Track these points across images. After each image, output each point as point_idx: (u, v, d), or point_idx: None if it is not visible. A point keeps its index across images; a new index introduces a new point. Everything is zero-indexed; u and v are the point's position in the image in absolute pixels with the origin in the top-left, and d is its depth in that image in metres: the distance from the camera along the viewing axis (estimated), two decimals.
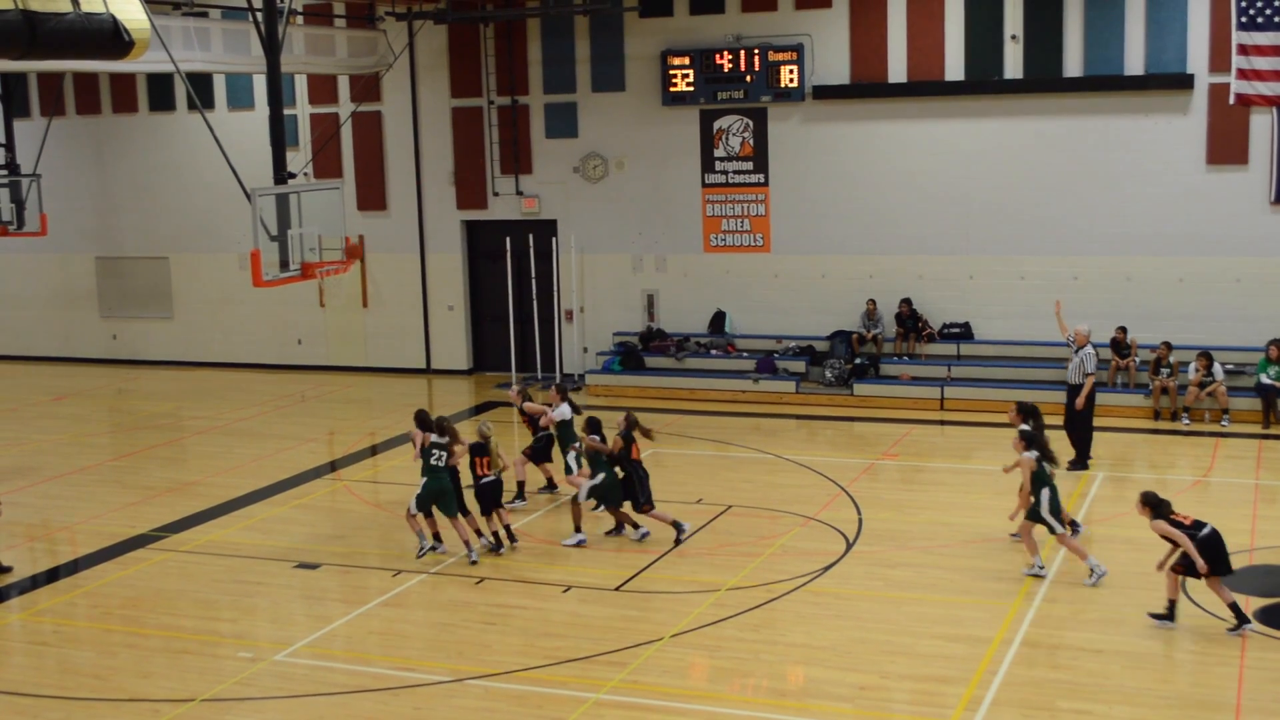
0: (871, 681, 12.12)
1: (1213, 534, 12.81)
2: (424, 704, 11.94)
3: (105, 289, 30.58)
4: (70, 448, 22.11)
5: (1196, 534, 12.75)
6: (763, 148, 25.06)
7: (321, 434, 23.21)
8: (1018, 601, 13.88)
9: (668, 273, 26.05)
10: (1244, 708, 11.40)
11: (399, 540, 16.59)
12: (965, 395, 23.13)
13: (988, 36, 23.36)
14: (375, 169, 27.78)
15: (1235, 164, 22.34)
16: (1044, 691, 11.77)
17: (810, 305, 25.10)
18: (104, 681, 12.68)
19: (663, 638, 13.19)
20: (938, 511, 17.18)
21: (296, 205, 16.47)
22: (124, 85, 29.19)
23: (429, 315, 27.91)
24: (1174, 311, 22.83)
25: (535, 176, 26.66)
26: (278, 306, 28.33)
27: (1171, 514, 13.01)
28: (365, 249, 27.63)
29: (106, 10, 13.63)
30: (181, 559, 16.27)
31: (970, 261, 24.11)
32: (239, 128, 26.34)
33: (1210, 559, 12.66)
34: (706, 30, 24.98)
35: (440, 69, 27.01)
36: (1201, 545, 12.68)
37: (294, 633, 13.77)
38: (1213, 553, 12.71)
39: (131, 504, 18.77)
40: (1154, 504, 13.10)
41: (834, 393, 23.90)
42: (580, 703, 11.81)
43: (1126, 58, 22.67)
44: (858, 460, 20.05)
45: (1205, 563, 12.62)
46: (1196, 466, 19.14)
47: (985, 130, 23.73)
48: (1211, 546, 12.72)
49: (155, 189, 29.52)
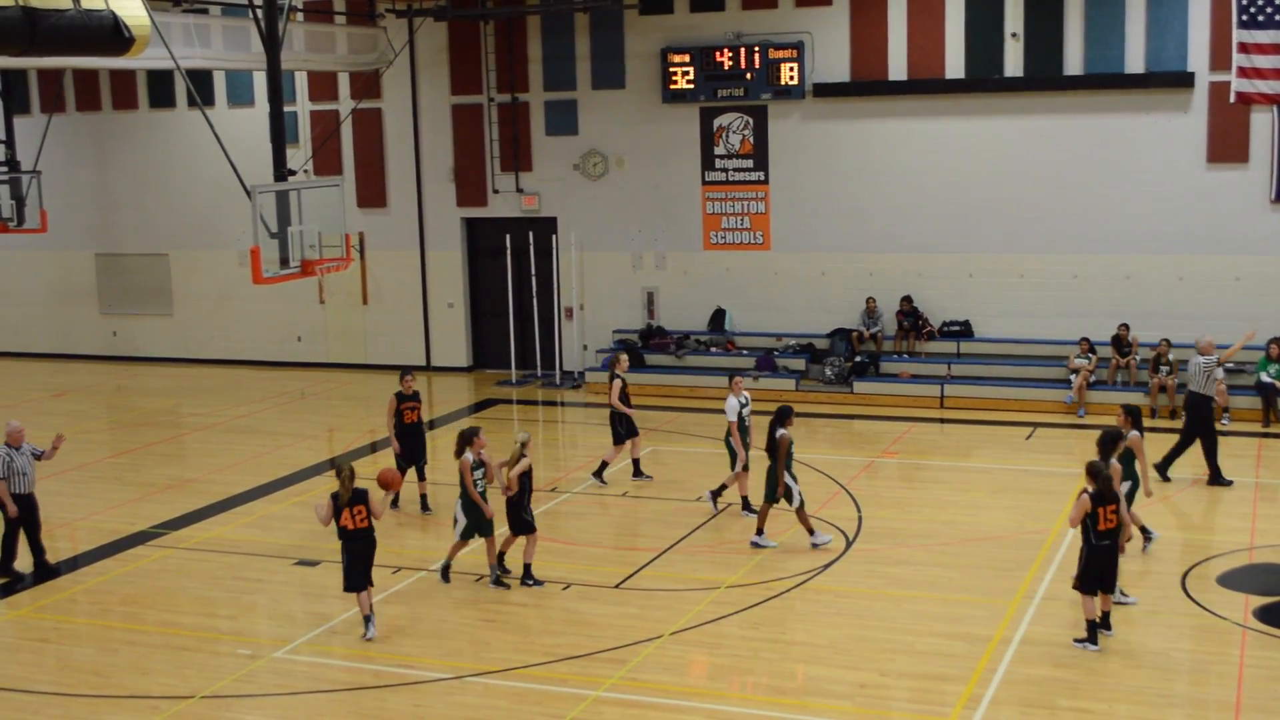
0: (871, 679, 12.13)
1: (1109, 549, 12.48)
2: (423, 701, 11.94)
3: (105, 286, 30.57)
4: (69, 444, 21.99)
5: (1096, 542, 12.42)
6: (763, 145, 25.05)
7: (321, 431, 23.21)
8: (1017, 599, 13.88)
9: (668, 270, 26.05)
10: (1243, 706, 11.40)
11: (398, 537, 16.61)
12: (965, 393, 23.13)
13: (988, 34, 23.35)
14: (375, 166, 27.77)
15: (1236, 162, 22.33)
16: (1044, 690, 11.77)
17: (810, 303, 25.09)
18: (104, 678, 12.68)
19: (662, 635, 13.19)
20: (937, 509, 17.19)
21: (296, 202, 16.50)
22: (124, 82, 29.17)
23: (429, 312, 27.91)
24: (1174, 310, 22.82)
25: (535, 174, 26.65)
26: (278, 303, 28.31)
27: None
28: (365, 246, 27.64)
29: (106, 7, 13.61)
30: (181, 556, 16.27)
31: (970, 259, 24.11)
32: (239, 125, 26.34)
33: (1091, 570, 12.48)
34: (707, 28, 24.96)
35: (440, 66, 27.00)
36: (1092, 552, 12.48)
37: (293, 630, 13.77)
38: (1098, 566, 12.49)
39: (131, 501, 18.77)
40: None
41: (834, 390, 23.90)
42: (580, 700, 11.81)
43: (1127, 56, 22.66)
44: (857, 458, 20.05)
45: (1083, 571, 12.45)
46: (1196, 465, 19.13)
47: (985, 128, 23.72)
48: (1100, 558, 12.47)
49: (155, 186, 29.51)
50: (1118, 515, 12.47)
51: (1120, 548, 12.72)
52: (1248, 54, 17.69)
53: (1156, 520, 15.81)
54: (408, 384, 17.54)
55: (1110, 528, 12.40)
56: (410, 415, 17.48)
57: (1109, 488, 12.42)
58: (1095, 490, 12.37)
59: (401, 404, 17.44)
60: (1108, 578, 12.56)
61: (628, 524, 17.29)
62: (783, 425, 15.37)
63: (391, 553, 16.02)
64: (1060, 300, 23.55)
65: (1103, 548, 12.42)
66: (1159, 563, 14.84)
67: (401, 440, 17.40)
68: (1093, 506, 12.32)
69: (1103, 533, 12.36)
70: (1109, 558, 12.48)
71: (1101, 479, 12.40)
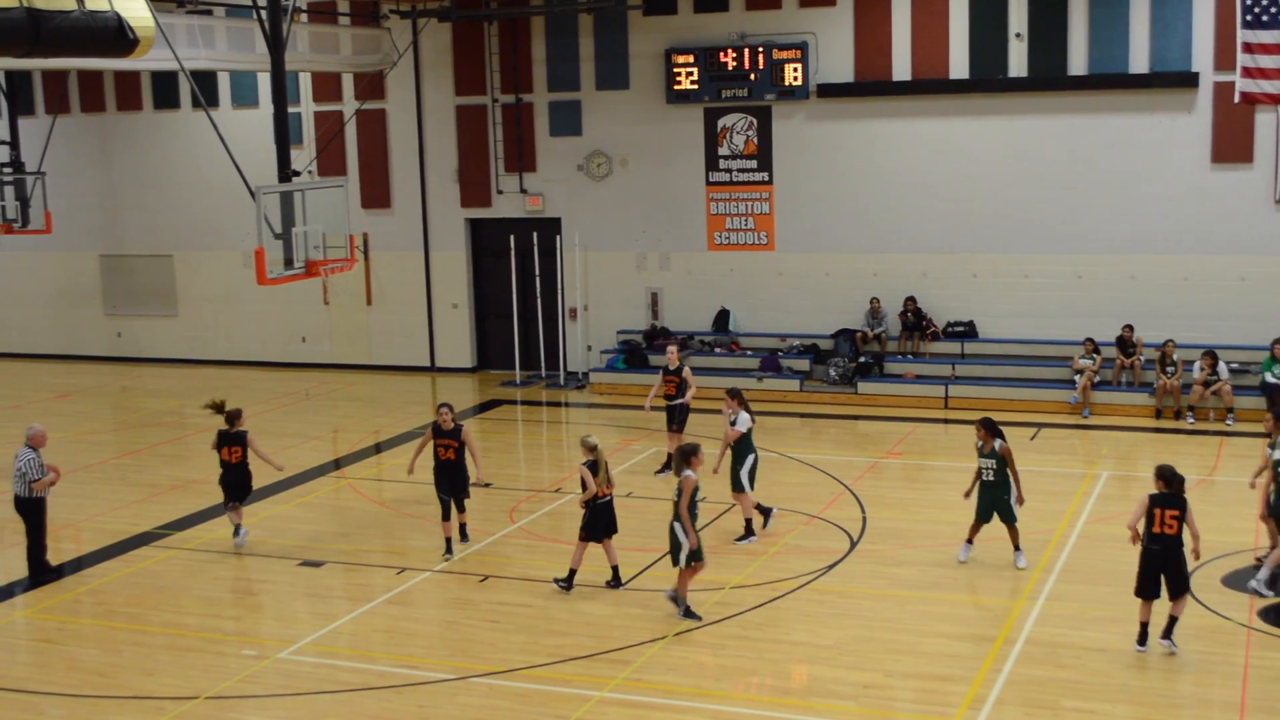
0: (875, 680, 12.12)
1: (1159, 554, 12.32)
2: (428, 702, 11.95)
3: (110, 287, 30.60)
4: (74, 445, 22.11)
5: None
6: (767, 146, 25.05)
7: (325, 432, 23.22)
8: (1021, 600, 13.88)
9: (672, 271, 26.05)
10: (1248, 707, 11.39)
11: (403, 538, 16.62)
12: (969, 394, 23.12)
13: (992, 35, 23.34)
14: (379, 167, 27.79)
15: (1240, 162, 22.31)
16: (1048, 690, 11.77)
17: (814, 304, 25.09)
18: (108, 679, 12.69)
19: (666, 636, 13.19)
20: (942, 510, 17.16)
21: (301, 203, 16.50)
22: (128, 83, 29.21)
23: (433, 313, 27.92)
24: (1178, 310, 22.81)
25: (539, 174, 26.66)
26: (282, 305, 28.35)
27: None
28: (369, 247, 27.67)
29: (111, 8, 13.62)
30: (186, 557, 16.29)
31: (974, 260, 24.10)
32: (243, 126, 26.41)
33: (1141, 572, 12.41)
34: (711, 28, 24.97)
35: (444, 67, 27.02)
36: (1141, 555, 12.36)
37: (298, 630, 13.78)
38: (1146, 570, 12.38)
39: (136, 502, 18.79)
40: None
41: (838, 391, 23.89)
42: (584, 701, 11.81)
43: (1131, 56, 22.64)
44: (862, 459, 20.05)
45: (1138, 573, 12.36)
46: (1201, 465, 19.12)
47: (989, 129, 23.71)
48: (1147, 562, 12.35)
49: (160, 187, 29.55)
50: (1179, 522, 12.20)
51: (1194, 553, 12.36)
52: (1252, 54, 17.71)
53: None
54: (445, 418, 15.60)
55: (1163, 533, 12.16)
56: (446, 453, 15.58)
57: (1180, 489, 12.22)
58: (1156, 492, 12.24)
59: (438, 440, 15.64)
60: (1162, 583, 12.25)
61: (632, 524, 17.24)
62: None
63: (395, 554, 16.04)
64: (1064, 300, 23.54)
65: (1153, 551, 12.23)
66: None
67: (438, 476, 15.70)
68: (1150, 508, 12.21)
69: (1155, 536, 12.18)
70: (1158, 563, 12.23)
71: (1176, 482, 12.20)
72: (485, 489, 18.26)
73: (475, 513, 16.75)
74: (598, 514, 14.32)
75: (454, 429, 15.57)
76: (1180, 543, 12.25)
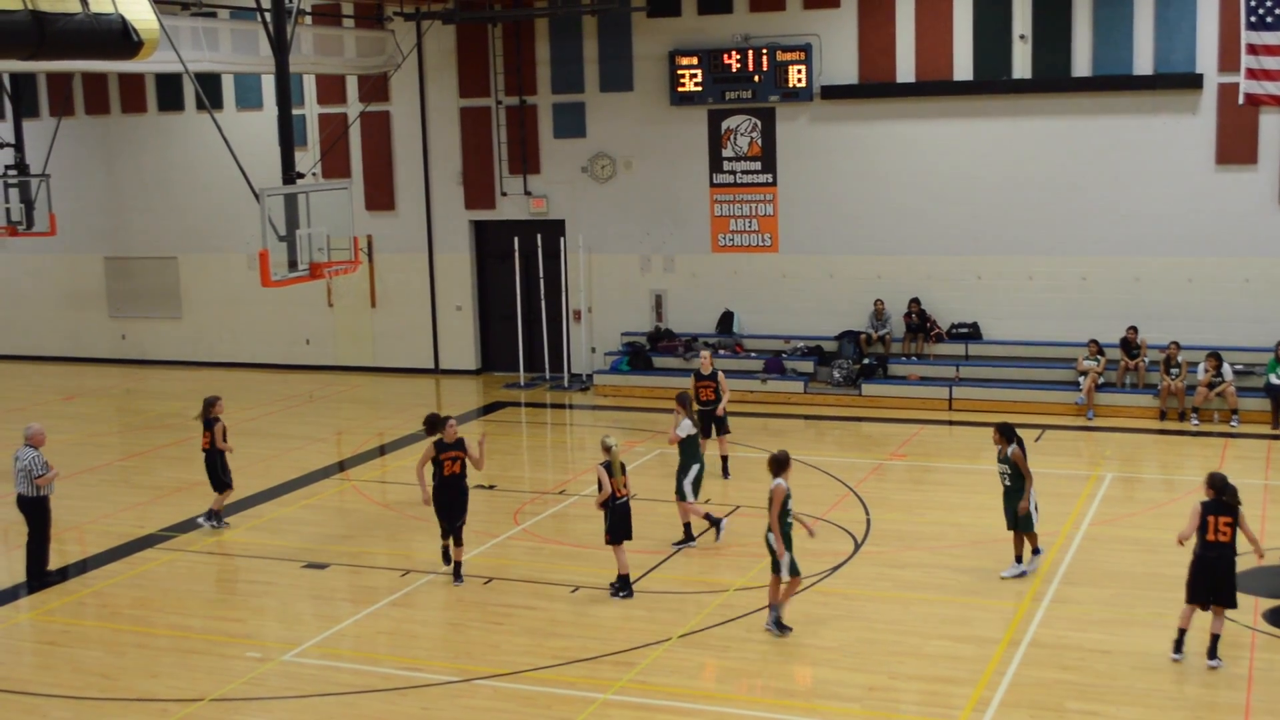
0: (879, 682, 12.11)
1: (1214, 560, 12.22)
2: (432, 704, 11.95)
3: (114, 289, 30.64)
4: (79, 447, 22.13)
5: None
6: (771, 148, 25.04)
7: (329, 434, 23.23)
8: (1026, 602, 13.86)
9: (676, 273, 26.05)
10: (1253, 709, 11.37)
11: (407, 540, 16.61)
12: (974, 395, 23.09)
13: (996, 36, 23.33)
14: (383, 169, 27.81)
15: (1244, 164, 22.29)
16: (1052, 692, 11.75)
17: (818, 305, 25.08)
18: (112, 681, 12.70)
19: (670, 638, 13.18)
20: (946, 512, 17.16)
21: (305, 205, 16.50)
22: (133, 85, 29.25)
23: (437, 315, 27.93)
24: (1183, 312, 22.78)
25: (543, 176, 26.67)
26: (286, 306, 28.37)
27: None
28: (374, 249, 27.69)
29: (115, 10, 13.64)
30: (190, 559, 16.30)
31: (978, 261, 24.08)
32: (247, 128, 26.44)
33: (1192, 578, 12.32)
34: (714, 30, 24.97)
35: (448, 69, 27.03)
36: (1194, 562, 12.29)
37: (302, 633, 13.79)
38: (1198, 576, 12.29)
39: (140, 504, 18.80)
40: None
41: (842, 393, 23.88)
42: (588, 703, 11.81)
43: (1135, 57, 22.62)
44: (866, 460, 20.04)
45: (1188, 580, 12.25)
46: (1205, 467, 18.98)
47: (993, 130, 23.70)
48: (1200, 569, 12.32)
49: (164, 189, 29.58)
50: (1232, 529, 12.09)
51: (1258, 554, 12.27)
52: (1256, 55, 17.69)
53: (1163, 522, 15.78)
54: (451, 430, 14.99)
55: (1218, 540, 12.06)
56: (451, 466, 14.95)
57: (1234, 497, 12.09)
58: (1209, 500, 12.14)
59: (442, 453, 14.93)
60: (1214, 590, 12.11)
61: (636, 526, 17.22)
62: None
63: (399, 555, 16.05)
64: (1069, 302, 23.52)
65: (1208, 559, 12.11)
66: (1167, 566, 14.79)
67: (439, 494, 15.03)
68: (1203, 516, 12.11)
69: (1209, 544, 12.07)
70: (1210, 570, 12.11)
71: (1230, 490, 12.08)
72: (489, 490, 18.29)
73: (479, 514, 16.74)
74: (618, 516, 14.30)
75: (458, 441, 15.06)
76: (1234, 550, 12.17)
